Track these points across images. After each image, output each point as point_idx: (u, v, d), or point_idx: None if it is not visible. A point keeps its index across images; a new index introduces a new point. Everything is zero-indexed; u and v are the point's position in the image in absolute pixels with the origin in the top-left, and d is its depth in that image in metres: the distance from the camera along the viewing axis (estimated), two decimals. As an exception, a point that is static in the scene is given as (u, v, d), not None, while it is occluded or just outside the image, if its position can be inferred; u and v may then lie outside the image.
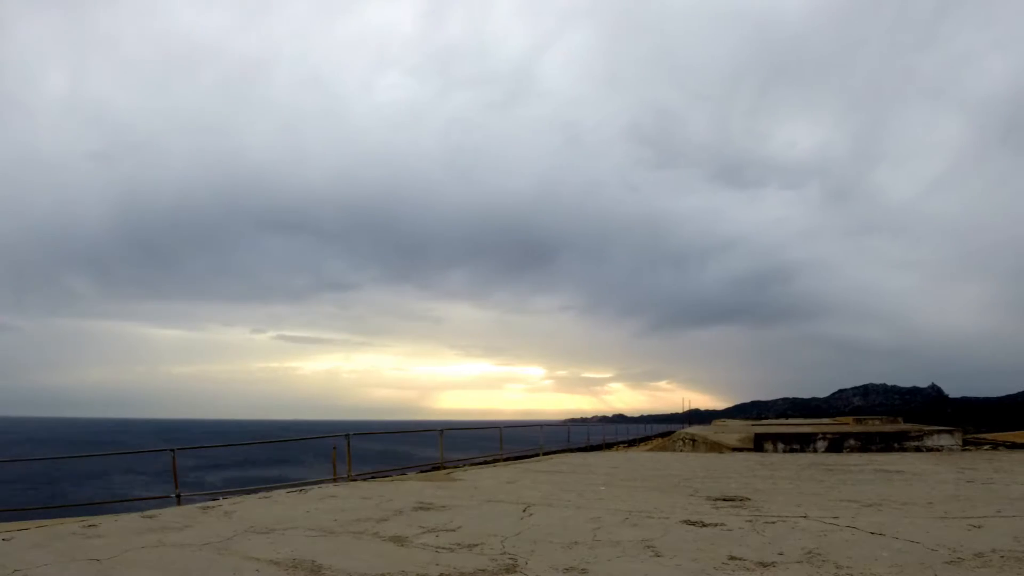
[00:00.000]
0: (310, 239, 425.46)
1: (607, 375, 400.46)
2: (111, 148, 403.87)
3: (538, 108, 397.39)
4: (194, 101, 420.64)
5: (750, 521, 6.10)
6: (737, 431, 26.04)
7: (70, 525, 6.74)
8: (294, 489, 9.59)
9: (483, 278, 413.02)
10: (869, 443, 17.17)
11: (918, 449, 16.51)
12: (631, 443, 29.84)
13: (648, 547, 5.05)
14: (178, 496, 9.97)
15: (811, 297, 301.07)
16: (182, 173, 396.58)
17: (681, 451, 23.52)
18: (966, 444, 17.70)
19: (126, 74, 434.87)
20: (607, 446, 25.39)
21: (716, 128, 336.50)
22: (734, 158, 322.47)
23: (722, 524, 5.97)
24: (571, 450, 20.33)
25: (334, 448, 11.57)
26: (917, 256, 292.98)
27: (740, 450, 18.69)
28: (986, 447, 17.57)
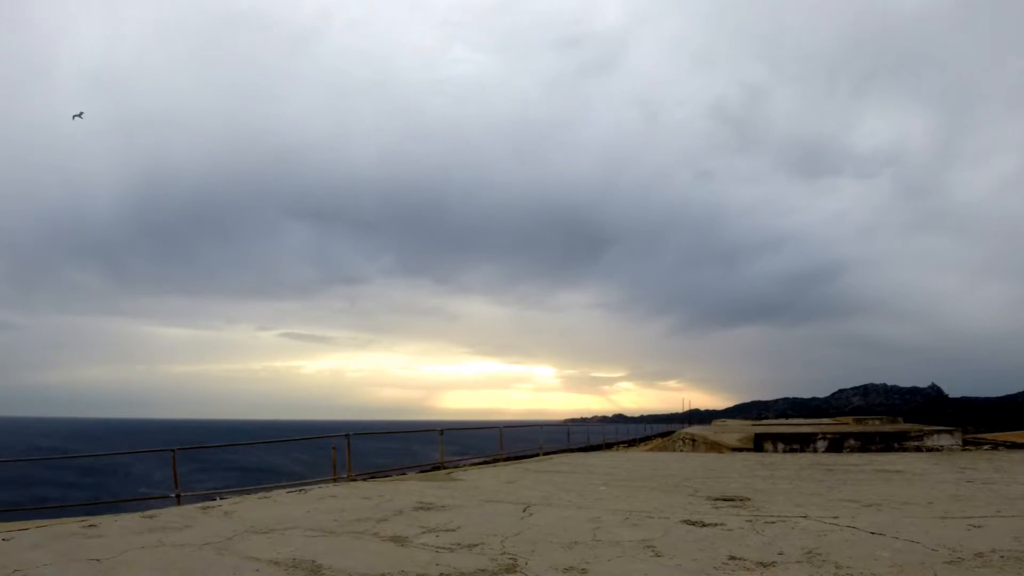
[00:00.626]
0: (340, 227, 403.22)
1: (618, 374, 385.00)
2: (128, 122, 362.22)
3: (618, 83, 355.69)
4: (228, 71, 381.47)
5: (750, 521, 6.10)
6: (737, 431, 26.03)
7: (70, 525, 6.75)
8: (294, 489, 9.59)
9: (516, 272, 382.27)
10: (869, 443, 17.17)
11: (918, 449, 16.51)
12: (631, 443, 29.83)
13: (648, 547, 5.05)
14: (178, 496, 9.98)
15: (847, 297, 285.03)
16: (208, 151, 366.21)
17: (681, 451, 23.54)
18: (966, 444, 17.71)
19: (154, 39, 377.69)
20: (607, 446, 25.38)
21: (800, 113, 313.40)
22: (812, 146, 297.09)
23: (722, 524, 5.97)
24: (571, 450, 20.33)
25: (334, 448, 11.58)
26: (966, 256, 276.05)
27: (740, 450, 18.69)
28: (986, 447, 17.57)
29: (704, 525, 5.95)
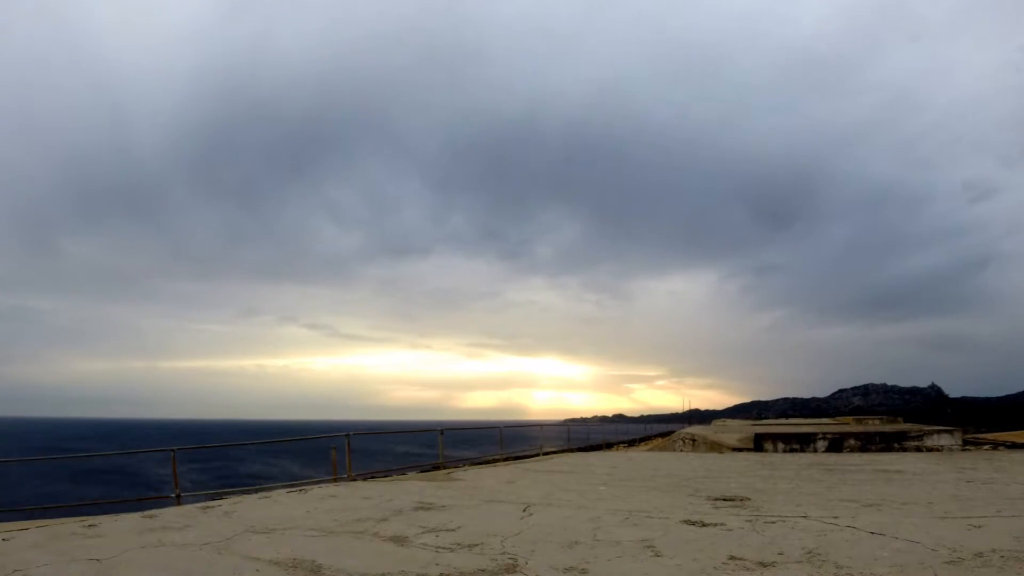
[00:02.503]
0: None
1: (655, 373, 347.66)
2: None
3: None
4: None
5: (750, 521, 6.10)
6: (737, 431, 26.02)
7: (70, 525, 6.74)
8: (294, 489, 9.59)
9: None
10: (869, 443, 17.17)
11: (918, 449, 16.51)
12: (631, 443, 29.81)
13: (648, 547, 5.05)
14: (178, 496, 9.97)
15: (982, 292, 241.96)
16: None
17: (681, 451, 23.51)
18: (966, 444, 17.70)
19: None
20: (607, 446, 25.38)
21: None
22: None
23: (722, 524, 5.97)
24: (571, 450, 20.33)
25: (333, 448, 11.58)
26: None
27: (740, 450, 18.69)
28: (986, 447, 17.56)
29: (704, 525, 5.95)
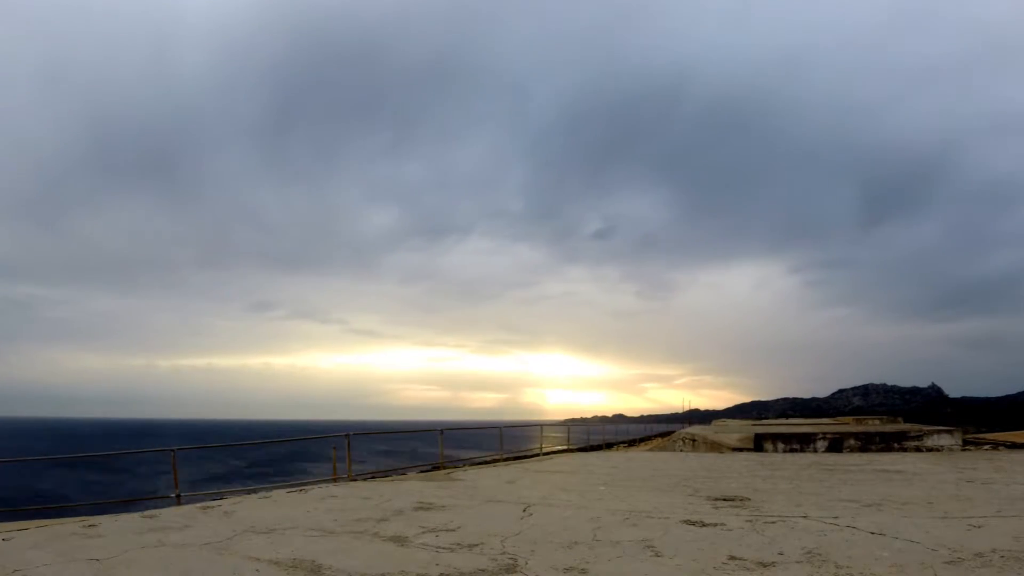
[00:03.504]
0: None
1: (677, 371, 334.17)
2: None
3: None
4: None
5: (750, 521, 6.10)
6: (737, 431, 26.03)
7: (70, 525, 6.74)
8: (294, 489, 9.59)
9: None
10: (869, 443, 17.17)
11: (918, 449, 16.51)
12: (631, 443, 29.82)
13: (648, 547, 5.05)
14: (178, 496, 9.97)
15: None
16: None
17: (681, 451, 23.52)
18: (966, 444, 17.69)
19: None
20: (607, 446, 25.38)
21: None
22: None
23: (722, 524, 5.97)
24: (571, 450, 20.34)
25: (334, 448, 11.58)
26: None
27: (740, 450, 18.69)
28: (986, 447, 17.56)
29: (704, 525, 5.95)
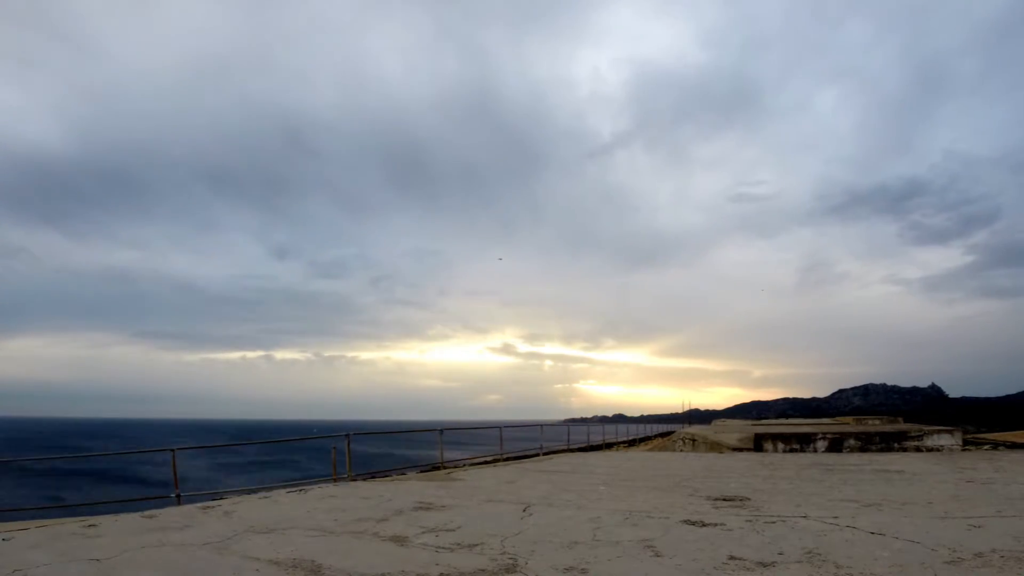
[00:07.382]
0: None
1: (714, 368, 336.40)
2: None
3: None
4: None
5: (750, 521, 6.10)
6: (737, 431, 26.03)
7: (70, 525, 6.74)
8: (294, 489, 9.59)
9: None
10: (869, 443, 17.17)
11: (918, 449, 16.51)
12: (631, 443, 29.82)
13: (648, 547, 5.05)
14: (178, 496, 9.97)
15: None
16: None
17: (681, 451, 23.51)
18: (966, 444, 17.70)
19: None
20: (607, 446, 25.38)
21: None
22: None
23: (722, 524, 5.97)
24: (571, 450, 20.33)
25: (334, 448, 11.58)
26: None
27: (740, 450, 18.69)
28: (986, 447, 17.56)
29: (704, 525, 5.95)
